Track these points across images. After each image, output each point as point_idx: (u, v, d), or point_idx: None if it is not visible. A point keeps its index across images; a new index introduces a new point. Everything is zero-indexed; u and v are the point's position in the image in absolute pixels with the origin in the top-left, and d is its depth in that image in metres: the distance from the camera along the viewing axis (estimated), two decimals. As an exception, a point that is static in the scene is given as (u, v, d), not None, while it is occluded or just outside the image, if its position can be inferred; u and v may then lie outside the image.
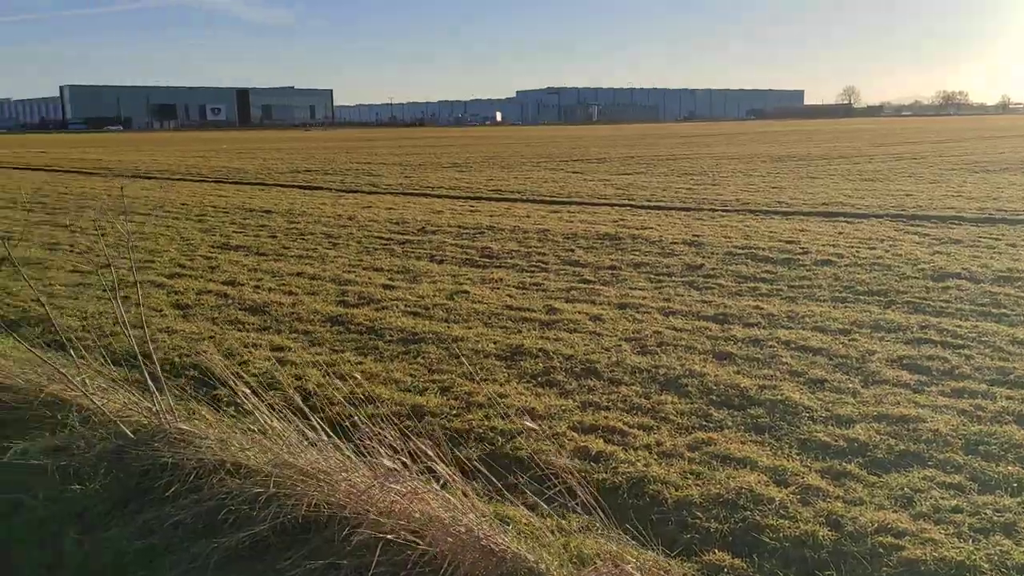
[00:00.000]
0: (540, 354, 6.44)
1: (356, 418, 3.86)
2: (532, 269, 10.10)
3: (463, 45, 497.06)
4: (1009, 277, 8.90)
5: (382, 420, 3.83)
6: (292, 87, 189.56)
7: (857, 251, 10.64)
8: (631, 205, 16.83)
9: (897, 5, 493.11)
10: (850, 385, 5.62)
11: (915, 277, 9.03)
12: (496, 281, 9.28)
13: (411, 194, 20.44)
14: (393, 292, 8.81)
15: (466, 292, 8.70)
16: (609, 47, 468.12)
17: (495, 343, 6.79)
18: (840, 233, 12.28)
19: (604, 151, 41.38)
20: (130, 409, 4.78)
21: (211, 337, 7.08)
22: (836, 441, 4.71)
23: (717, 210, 15.55)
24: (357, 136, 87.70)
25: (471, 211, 16.49)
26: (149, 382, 4.74)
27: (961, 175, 22.35)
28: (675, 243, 11.63)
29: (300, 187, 23.08)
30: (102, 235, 10.76)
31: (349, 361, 6.39)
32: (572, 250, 11.35)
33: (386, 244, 12.25)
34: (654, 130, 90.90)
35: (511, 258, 10.84)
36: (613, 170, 27.90)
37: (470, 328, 7.29)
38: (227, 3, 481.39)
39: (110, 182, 25.58)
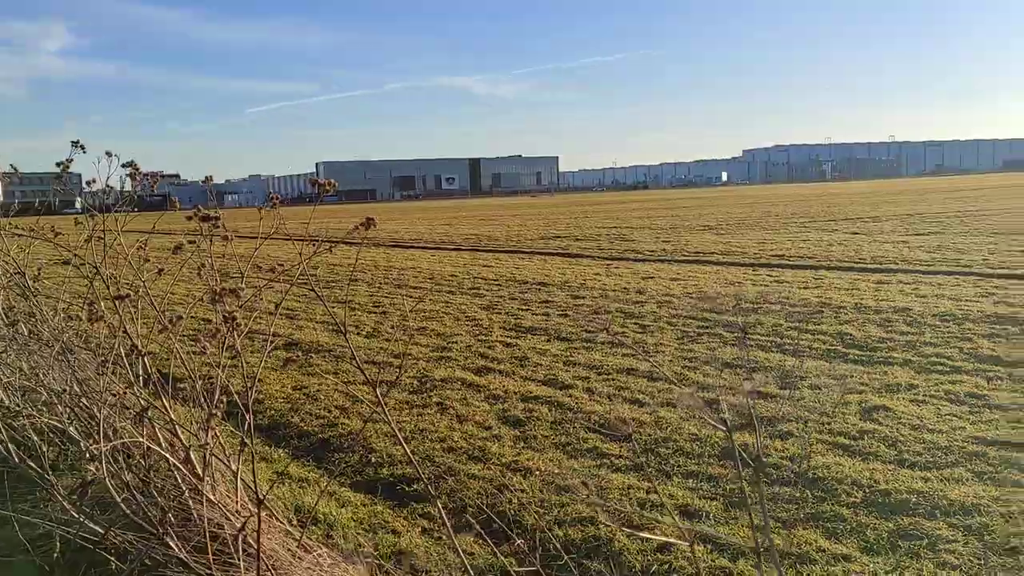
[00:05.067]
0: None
1: None
2: (932, 370, 7.51)
3: (685, 107, 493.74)
4: None
5: None
6: (520, 155, 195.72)
7: None
8: (981, 274, 13.58)
9: None
10: None
11: None
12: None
13: (683, 261, 18.29)
14: (775, 403, 6.59)
15: (887, 410, 6.29)
16: (839, 100, 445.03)
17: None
18: None
19: (869, 209, 37.15)
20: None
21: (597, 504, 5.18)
22: None
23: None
24: (585, 200, 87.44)
25: (776, 282, 14.04)
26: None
27: None
28: (1120, 331, 8.54)
29: (558, 255, 21.69)
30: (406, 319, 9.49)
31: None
32: (970, 338, 8.59)
33: (705, 327, 10.10)
34: (905, 186, 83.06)
35: (895, 350, 8.29)
36: (901, 230, 24.26)
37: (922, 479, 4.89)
38: (465, 82, 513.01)
39: (374, 253, 25.65)
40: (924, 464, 5.10)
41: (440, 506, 4.12)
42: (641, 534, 4.14)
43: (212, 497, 2.83)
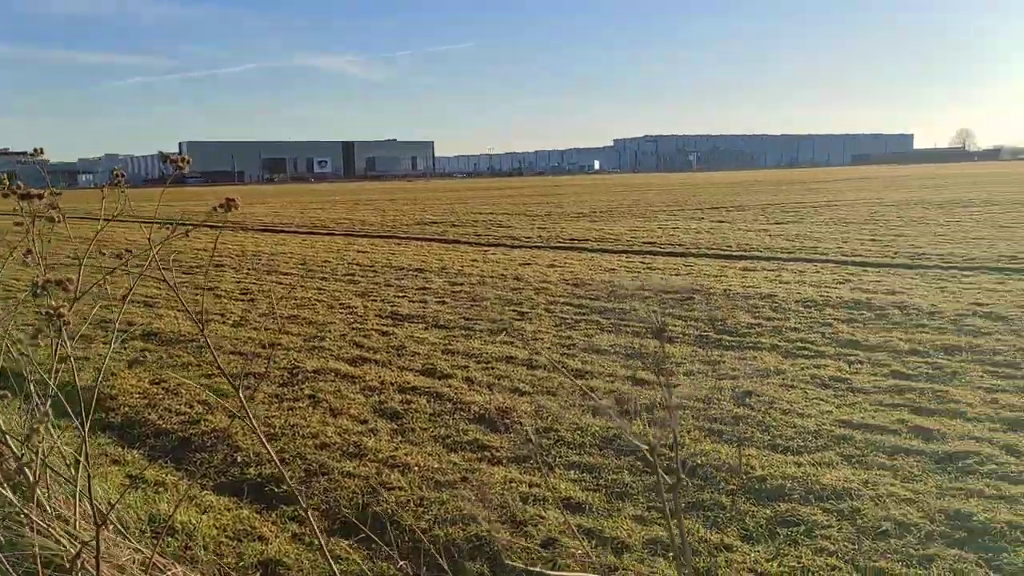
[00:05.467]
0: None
1: None
2: (798, 355, 7.78)
3: (558, 95, 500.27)
4: None
5: None
6: (395, 140, 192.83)
7: None
8: (837, 261, 14.30)
9: (1010, 44, 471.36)
10: None
11: None
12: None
13: (560, 248, 18.44)
14: (653, 392, 6.62)
15: (759, 395, 6.43)
16: (704, 94, 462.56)
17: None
18: None
19: (732, 198, 38.72)
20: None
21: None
22: None
23: (938, 267, 12.87)
24: (461, 186, 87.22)
25: (648, 268, 14.33)
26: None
27: None
28: (963, 315, 9.10)
29: (436, 240, 21.42)
30: (275, 301, 9.02)
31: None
32: (831, 323, 8.98)
33: (582, 313, 10.13)
34: (764, 177, 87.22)
35: (762, 336, 8.55)
36: (761, 218, 25.38)
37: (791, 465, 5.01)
38: (337, 63, 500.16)
39: (241, 237, 24.53)
40: (796, 449, 5.22)
41: (309, 511, 3.84)
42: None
43: (40, 522, 2.46)
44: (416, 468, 5.08)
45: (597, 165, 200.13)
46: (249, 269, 15.64)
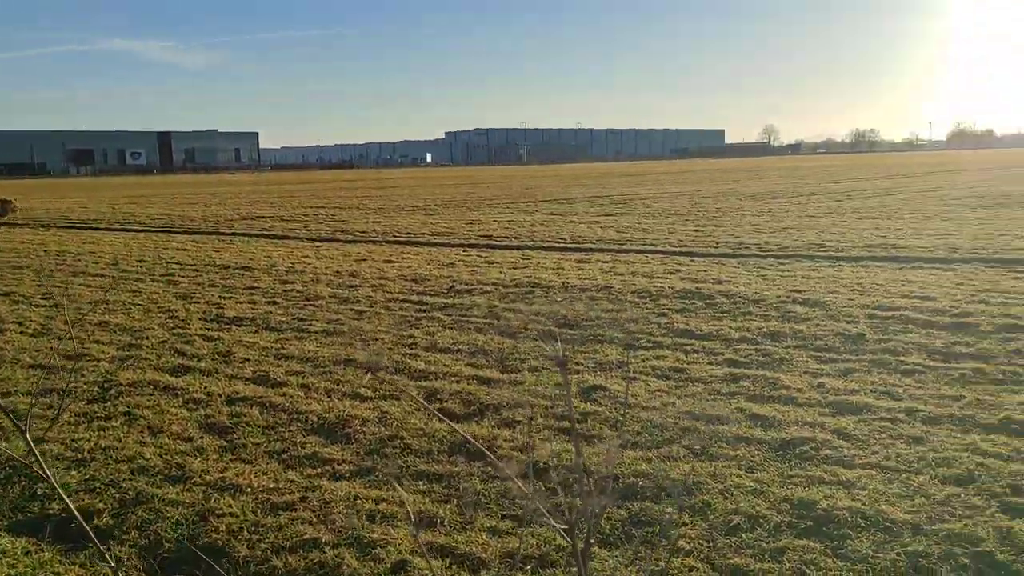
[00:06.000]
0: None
1: None
2: (637, 346, 7.90)
3: (389, 85, 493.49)
4: None
5: None
6: (216, 130, 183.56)
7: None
8: (666, 252, 14.81)
9: (812, 45, 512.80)
10: None
11: None
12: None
13: (397, 243, 18.07)
14: (498, 390, 6.46)
15: (604, 389, 6.41)
16: (534, 88, 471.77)
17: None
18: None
19: (563, 191, 39.61)
20: None
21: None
22: None
23: (757, 256, 13.65)
24: (289, 178, 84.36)
25: (486, 262, 14.24)
26: None
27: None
28: (784, 302, 9.59)
29: (264, 236, 20.42)
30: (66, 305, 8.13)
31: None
32: (666, 313, 9.20)
33: (423, 310, 9.87)
34: (591, 169, 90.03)
35: (601, 328, 8.62)
36: (592, 211, 26.06)
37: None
38: (155, 49, 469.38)
39: (42, 235, 22.34)
40: (644, 444, 5.21)
41: (121, 558, 3.37)
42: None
43: None
44: (249, 490, 4.64)
45: (429, 158, 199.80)
46: (52, 270, 14.21)
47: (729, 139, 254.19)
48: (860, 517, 3.99)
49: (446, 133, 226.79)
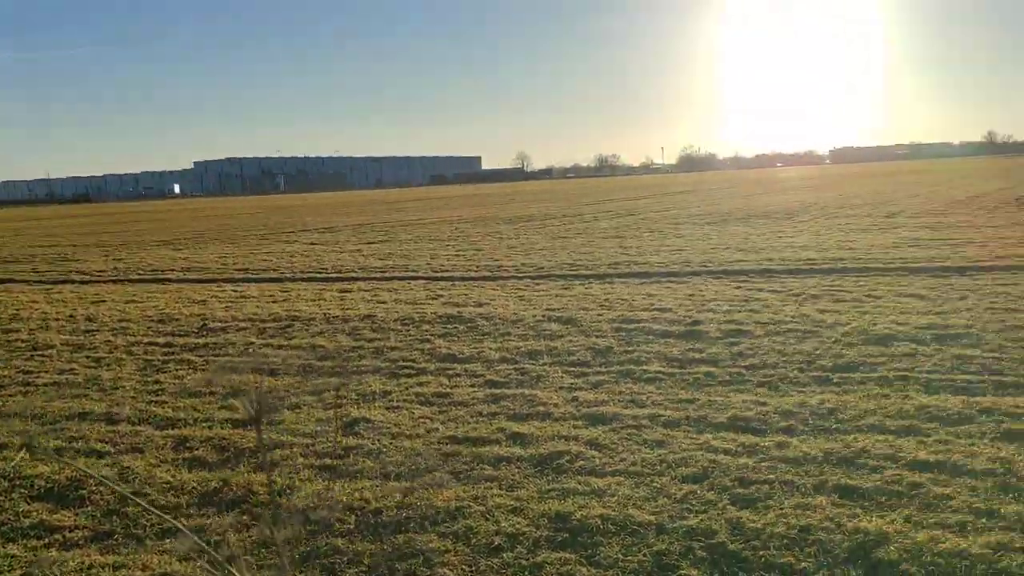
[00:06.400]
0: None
1: None
2: (401, 374, 7.89)
3: (131, 116, 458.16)
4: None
5: None
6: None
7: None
8: (428, 278, 14.97)
9: (556, 74, 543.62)
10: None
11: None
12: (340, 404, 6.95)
13: (140, 281, 16.79)
14: (250, 436, 6.14)
15: (367, 421, 6.29)
16: (289, 115, 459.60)
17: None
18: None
19: (324, 220, 38.96)
20: None
21: None
22: None
23: (515, 277, 14.24)
24: (15, 216, 75.80)
25: (241, 297, 13.60)
26: None
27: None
28: (540, 320, 10.01)
29: (-20, 280, 18.16)
30: None
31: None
32: (429, 339, 9.26)
33: (170, 353, 9.21)
34: (353, 198, 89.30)
35: (364, 358, 8.50)
36: (355, 239, 25.85)
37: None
38: None
39: None
40: (407, 474, 5.18)
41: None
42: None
43: None
44: (-42, 574, 4.05)
45: (177, 189, 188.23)
46: None
47: (486, 165, 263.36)
48: (611, 523, 4.22)
49: (195, 163, 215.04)
